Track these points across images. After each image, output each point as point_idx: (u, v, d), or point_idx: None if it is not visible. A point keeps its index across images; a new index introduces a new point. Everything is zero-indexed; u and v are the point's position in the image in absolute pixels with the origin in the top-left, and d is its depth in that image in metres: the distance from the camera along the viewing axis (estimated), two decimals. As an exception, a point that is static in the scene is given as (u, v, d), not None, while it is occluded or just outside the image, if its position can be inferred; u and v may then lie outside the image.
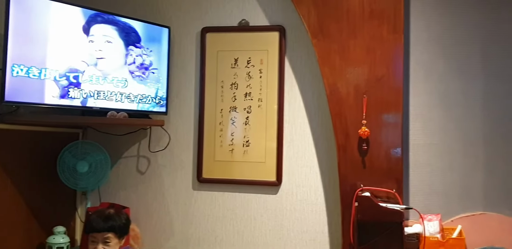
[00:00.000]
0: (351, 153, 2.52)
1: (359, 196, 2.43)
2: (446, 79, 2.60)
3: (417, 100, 2.62)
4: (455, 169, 2.56)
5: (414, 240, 2.48)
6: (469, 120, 2.56)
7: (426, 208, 2.55)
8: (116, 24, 2.58)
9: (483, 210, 2.51)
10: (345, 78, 2.54)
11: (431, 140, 2.60)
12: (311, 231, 2.73)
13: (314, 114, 2.76)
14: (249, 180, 2.80)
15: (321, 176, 2.74)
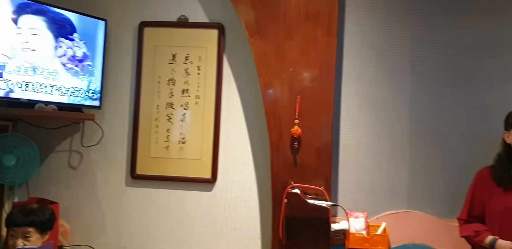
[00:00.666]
0: (284, 151, 2.58)
1: (289, 192, 2.48)
2: (376, 82, 2.70)
3: (348, 101, 2.70)
4: (382, 168, 2.67)
5: (340, 236, 2.56)
6: (397, 122, 2.67)
7: (353, 205, 2.64)
8: (47, 15, 2.50)
9: (407, 208, 2.62)
10: (280, 78, 2.59)
11: (360, 140, 2.69)
12: (243, 228, 2.77)
13: (251, 113, 2.80)
14: (184, 177, 2.80)
15: (255, 173, 2.78)
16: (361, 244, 2.53)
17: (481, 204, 2.23)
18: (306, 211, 2.45)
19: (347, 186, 2.68)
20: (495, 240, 2.11)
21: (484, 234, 2.15)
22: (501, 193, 2.16)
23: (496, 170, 2.20)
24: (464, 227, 2.26)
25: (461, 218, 2.30)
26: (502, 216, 2.14)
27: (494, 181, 2.19)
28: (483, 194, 2.22)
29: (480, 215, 2.23)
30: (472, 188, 2.28)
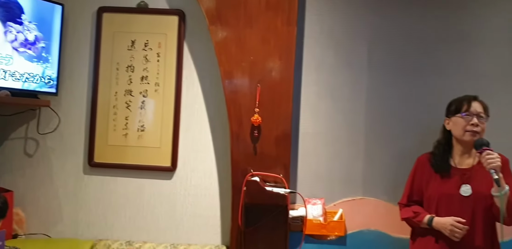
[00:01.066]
0: (244, 139, 2.59)
1: (248, 180, 2.50)
2: (335, 72, 2.73)
3: (308, 90, 2.73)
4: (339, 157, 2.72)
5: (298, 222, 2.60)
6: (354, 112, 2.72)
7: (311, 192, 2.69)
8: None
9: (363, 195, 2.69)
10: (241, 67, 2.59)
11: (319, 129, 2.73)
12: (203, 215, 2.78)
13: (211, 101, 2.79)
14: (143, 165, 2.78)
15: (215, 161, 2.79)
16: (318, 230, 2.58)
17: (419, 189, 2.30)
18: (265, 198, 2.48)
19: (305, 174, 2.72)
20: (432, 218, 2.18)
21: (423, 214, 2.22)
22: (439, 180, 2.23)
23: (435, 157, 2.27)
24: (404, 210, 2.33)
25: (401, 203, 2.37)
26: (438, 202, 2.21)
27: (432, 167, 2.26)
28: (422, 180, 2.28)
29: (419, 200, 2.30)
30: (412, 174, 2.35)
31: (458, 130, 2.21)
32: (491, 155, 2.01)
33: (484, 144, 2.07)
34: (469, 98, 2.23)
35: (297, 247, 2.58)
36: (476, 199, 2.14)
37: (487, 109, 2.22)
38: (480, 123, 2.17)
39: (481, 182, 2.14)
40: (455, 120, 2.22)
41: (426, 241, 2.23)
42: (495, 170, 1.98)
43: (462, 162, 2.24)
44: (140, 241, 2.73)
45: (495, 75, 2.66)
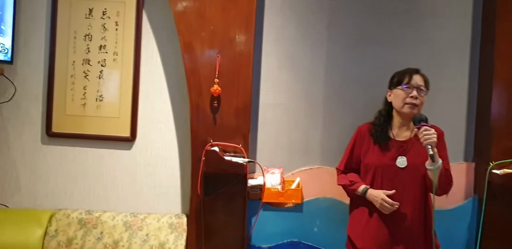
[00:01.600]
0: (203, 110, 2.60)
1: (207, 150, 2.53)
2: (295, 44, 2.75)
3: (268, 62, 2.75)
4: (298, 127, 2.76)
5: (257, 191, 2.66)
6: (313, 83, 2.75)
7: (270, 162, 2.74)
8: None
9: (320, 164, 2.75)
10: (200, 36, 2.58)
11: (279, 100, 2.76)
12: (163, 185, 2.81)
13: (171, 71, 2.78)
14: (102, 135, 2.77)
15: (175, 132, 2.80)
16: (276, 198, 2.65)
17: (358, 157, 2.37)
18: (224, 167, 2.52)
19: (264, 144, 2.76)
20: (367, 189, 2.27)
21: (358, 183, 2.31)
22: (377, 150, 2.30)
23: (375, 127, 2.33)
24: (341, 177, 2.42)
25: (339, 168, 2.46)
26: (374, 172, 2.29)
27: (372, 137, 2.32)
28: (361, 148, 2.35)
29: (357, 168, 2.39)
30: (352, 142, 2.41)
31: (398, 101, 2.26)
32: (428, 131, 2.07)
33: (423, 119, 2.13)
34: (411, 71, 2.27)
35: (255, 215, 2.64)
36: (411, 171, 2.22)
37: (427, 83, 2.28)
38: (420, 96, 2.22)
39: (416, 154, 2.22)
40: (396, 92, 2.27)
41: (362, 210, 2.33)
42: (431, 146, 2.05)
43: (400, 134, 2.31)
44: (100, 210, 2.74)
45: (447, 47, 2.73)
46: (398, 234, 2.24)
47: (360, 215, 2.34)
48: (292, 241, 2.68)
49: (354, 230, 2.36)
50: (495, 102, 2.59)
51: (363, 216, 2.32)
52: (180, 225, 2.68)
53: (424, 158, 2.13)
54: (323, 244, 2.68)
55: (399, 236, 2.24)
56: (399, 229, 2.24)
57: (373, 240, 2.27)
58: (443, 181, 2.15)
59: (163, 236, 2.65)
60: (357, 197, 2.35)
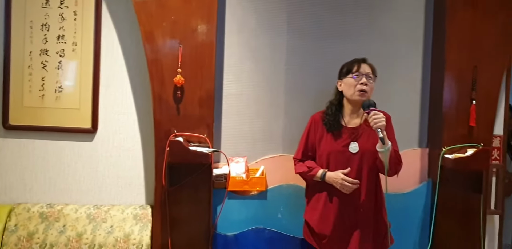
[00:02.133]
0: (166, 100, 2.60)
1: (171, 140, 2.53)
2: (256, 35, 2.79)
3: (230, 52, 2.78)
4: (261, 116, 2.82)
5: (222, 180, 2.69)
6: (274, 73, 2.81)
7: (234, 151, 2.78)
8: None
9: (283, 152, 2.82)
10: (162, 26, 2.57)
11: (242, 90, 2.80)
12: (127, 176, 2.79)
13: (132, 61, 2.76)
14: (62, 127, 2.72)
15: (138, 122, 2.79)
16: (241, 186, 2.70)
17: (313, 145, 2.48)
18: (189, 157, 2.52)
19: (229, 133, 2.80)
20: (325, 173, 2.38)
21: (316, 169, 2.41)
22: (330, 137, 2.41)
23: (327, 116, 2.44)
24: (298, 165, 2.52)
25: (296, 158, 2.55)
26: (329, 158, 2.40)
27: (325, 126, 2.43)
28: (315, 137, 2.46)
29: (313, 155, 2.49)
30: (306, 131, 2.52)
31: (349, 90, 2.37)
32: (377, 115, 2.20)
33: (371, 104, 2.26)
34: (358, 61, 2.41)
35: (221, 204, 2.68)
36: (363, 155, 2.35)
37: (375, 71, 2.41)
38: (369, 83, 2.35)
39: (367, 139, 2.34)
40: (346, 81, 2.39)
41: (318, 196, 2.44)
42: (381, 129, 2.18)
43: (351, 121, 2.43)
44: (62, 204, 2.70)
45: (402, 39, 2.86)
46: (354, 217, 2.36)
47: (316, 199, 2.45)
48: (257, 228, 2.74)
49: (312, 215, 2.45)
50: (446, 91, 2.73)
51: (319, 201, 2.43)
52: (145, 216, 2.68)
53: (374, 143, 2.25)
54: (287, 229, 2.76)
55: (354, 218, 2.36)
56: (354, 212, 2.36)
57: (330, 224, 2.37)
58: (393, 161, 2.29)
59: (128, 227, 2.64)
60: (314, 183, 2.44)
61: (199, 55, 2.60)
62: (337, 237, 2.37)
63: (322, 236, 2.40)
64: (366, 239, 2.35)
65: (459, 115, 2.74)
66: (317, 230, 2.40)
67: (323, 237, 2.39)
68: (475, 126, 2.72)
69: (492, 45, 2.72)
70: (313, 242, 2.45)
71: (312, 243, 2.45)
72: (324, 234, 2.39)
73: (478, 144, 2.71)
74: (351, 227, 2.36)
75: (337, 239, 2.37)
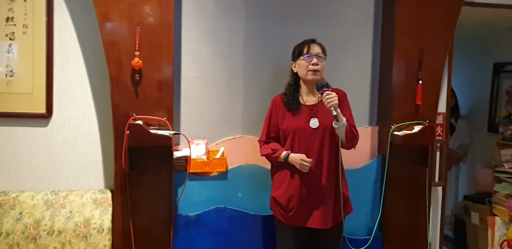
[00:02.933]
0: (124, 83, 2.58)
1: (131, 124, 2.53)
2: (214, 17, 2.81)
3: (188, 35, 2.78)
4: (220, 99, 2.86)
5: (182, 162, 2.72)
6: (232, 55, 2.85)
7: (195, 133, 2.81)
8: None
9: (242, 133, 2.89)
10: (118, 8, 2.54)
11: (200, 72, 2.82)
12: (84, 162, 2.76)
13: (87, 44, 2.70)
14: (15, 113, 2.63)
15: (95, 106, 2.75)
16: (202, 168, 2.74)
17: (276, 126, 2.59)
18: (149, 140, 2.53)
19: (188, 116, 2.82)
20: (288, 154, 2.51)
21: (280, 150, 2.54)
22: (291, 116, 2.54)
23: (286, 97, 2.57)
24: (263, 147, 2.62)
25: (260, 140, 2.66)
26: (292, 135, 2.53)
27: (285, 106, 2.56)
28: (277, 118, 2.58)
29: (277, 136, 2.61)
30: (268, 113, 2.63)
31: (302, 70, 2.51)
32: (330, 94, 2.35)
33: (324, 85, 2.42)
34: (308, 42, 2.54)
35: (182, 185, 2.72)
36: (323, 130, 2.49)
37: (324, 50, 2.55)
38: (320, 62, 2.49)
39: (326, 115, 2.48)
40: (299, 63, 2.52)
41: (283, 173, 2.56)
42: (334, 107, 2.34)
43: (309, 99, 2.57)
44: (17, 191, 2.63)
45: (353, 23, 2.98)
46: (317, 189, 2.50)
47: (282, 178, 2.56)
48: (218, 207, 2.80)
49: (278, 191, 2.56)
50: (395, 72, 2.90)
51: (285, 178, 2.55)
52: (105, 200, 2.68)
53: (333, 117, 2.39)
54: (247, 207, 2.84)
55: (318, 190, 2.50)
56: (317, 185, 2.50)
57: (296, 198, 2.50)
58: (350, 136, 2.46)
59: (87, 212, 2.63)
60: (278, 163, 2.55)
61: (157, 37, 2.59)
62: (302, 210, 2.50)
63: (289, 209, 2.52)
64: (328, 210, 2.50)
65: (406, 95, 2.92)
66: (284, 204, 2.51)
67: (289, 210, 2.51)
68: (421, 104, 2.91)
69: (437, 28, 2.91)
70: (279, 217, 2.56)
71: (279, 217, 2.56)
72: (290, 208, 2.51)
73: (424, 121, 2.91)
74: (315, 199, 2.50)
75: (302, 211, 2.50)
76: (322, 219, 2.49)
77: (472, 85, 4.51)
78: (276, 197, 2.56)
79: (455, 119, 4.22)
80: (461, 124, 4.23)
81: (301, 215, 2.51)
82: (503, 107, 4.13)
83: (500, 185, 3.61)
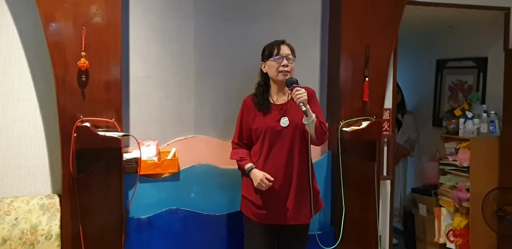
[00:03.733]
0: (71, 84, 2.52)
1: (78, 126, 2.47)
2: (162, 16, 2.78)
3: (136, 34, 2.74)
4: (170, 99, 2.83)
5: (132, 164, 2.68)
6: (183, 55, 2.83)
7: (145, 134, 2.77)
8: None
9: (194, 133, 2.87)
10: (63, 8, 2.47)
11: (149, 72, 2.78)
12: (30, 166, 2.67)
13: (30, 45, 2.62)
14: (-47, 117, 2.51)
15: (40, 109, 2.67)
16: (153, 169, 2.71)
17: (247, 127, 2.62)
18: (97, 143, 2.48)
19: (138, 117, 2.77)
20: (252, 169, 2.54)
21: (246, 161, 2.57)
22: (262, 116, 2.58)
23: (256, 97, 2.60)
24: (233, 152, 2.66)
25: (233, 141, 2.68)
26: (264, 133, 2.55)
27: (256, 106, 2.59)
28: (249, 118, 2.61)
29: (249, 136, 2.64)
30: (240, 114, 2.66)
31: (272, 71, 2.54)
32: (299, 91, 2.40)
33: (294, 82, 2.46)
34: (278, 43, 2.57)
35: (133, 188, 2.68)
36: (294, 128, 2.53)
37: (293, 51, 2.59)
38: (289, 64, 2.53)
39: (296, 113, 2.52)
40: (269, 63, 2.55)
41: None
42: (303, 103, 2.38)
43: (279, 99, 2.61)
44: (-42, 199, 2.52)
45: (302, 22, 3.03)
46: (289, 186, 2.54)
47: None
48: (170, 209, 2.78)
49: (248, 190, 2.59)
50: (342, 69, 2.97)
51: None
52: (53, 205, 2.61)
53: (302, 116, 2.43)
54: (200, 208, 2.83)
55: (289, 188, 2.53)
56: (289, 181, 2.54)
57: (268, 194, 2.53)
58: (319, 132, 2.50)
59: (34, 218, 2.56)
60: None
61: (104, 37, 2.55)
62: (274, 207, 2.53)
63: (260, 207, 2.55)
64: (300, 206, 2.55)
65: (354, 92, 3.00)
66: (256, 202, 2.54)
67: (259, 207, 2.54)
68: (368, 100, 2.99)
69: (382, 26, 3.00)
70: (250, 215, 2.58)
71: (249, 216, 2.59)
72: (261, 205, 2.54)
73: (371, 117, 3.00)
74: (287, 195, 2.53)
75: (275, 208, 2.53)
76: (294, 215, 2.53)
77: (417, 81, 4.68)
78: (247, 195, 2.59)
79: (402, 114, 4.37)
80: (407, 119, 4.38)
81: (273, 212, 2.53)
82: (446, 102, 4.30)
83: (445, 177, 3.77)
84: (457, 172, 3.66)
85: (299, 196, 2.54)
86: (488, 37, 3.82)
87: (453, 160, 3.67)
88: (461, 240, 3.59)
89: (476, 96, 3.83)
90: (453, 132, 3.69)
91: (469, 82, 4.07)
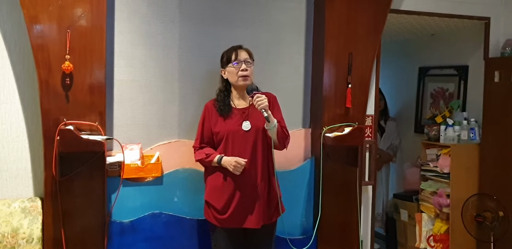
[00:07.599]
0: (54, 87, 2.52)
1: (61, 129, 2.46)
2: (148, 21, 2.79)
3: (121, 38, 2.75)
4: (154, 103, 2.84)
5: (116, 168, 2.68)
6: (167, 59, 2.84)
7: (128, 138, 2.77)
8: None
9: (178, 137, 2.88)
10: (48, 11, 2.47)
11: (134, 76, 2.79)
12: (12, 169, 2.65)
13: (14, 47, 2.61)
14: None
15: (23, 112, 2.65)
16: (136, 173, 2.71)
17: (209, 131, 2.64)
18: (81, 146, 2.47)
19: (122, 120, 2.77)
20: (221, 157, 2.55)
21: (213, 155, 2.58)
22: (223, 120, 2.60)
23: (218, 102, 2.63)
24: (197, 153, 2.65)
25: (195, 146, 2.68)
26: (226, 137, 2.57)
27: (217, 111, 2.62)
28: (210, 123, 2.63)
29: (210, 141, 2.65)
30: (201, 119, 2.67)
31: (232, 77, 2.58)
32: (260, 97, 2.44)
33: (254, 89, 2.52)
34: (235, 48, 2.61)
35: (116, 191, 2.67)
36: (255, 132, 2.56)
37: (251, 55, 2.62)
38: (248, 68, 2.57)
39: (257, 118, 2.55)
40: (229, 70, 2.58)
41: (217, 176, 2.60)
42: (265, 109, 2.43)
43: (240, 103, 2.64)
44: None
45: (286, 28, 3.07)
46: (251, 190, 2.55)
47: (215, 181, 2.60)
48: (153, 213, 2.77)
49: (211, 195, 2.60)
50: (326, 76, 3.01)
51: (218, 181, 2.58)
52: (35, 208, 2.59)
53: (264, 120, 2.47)
54: (183, 212, 2.83)
55: (251, 191, 2.55)
56: (252, 185, 2.55)
57: (230, 200, 2.54)
58: (281, 136, 2.54)
59: (15, 222, 2.54)
60: (213, 167, 2.59)
61: (88, 41, 2.55)
62: (237, 211, 2.54)
63: (223, 212, 2.55)
64: (262, 210, 2.56)
65: (337, 98, 3.04)
66: (219, 207, 2.55)
67: (224, 212, 2.55)
68: (351, 107, 3.03)
69: (365, 33, 3.05)
70: (213, 221, 2.58)
71: (213, 221, 2.59)
72: (225, 210, 2.54)
73: (353, 123, 3.04)
74: (249, 200, 2.55)
75: (238, 212, 2.54)
76: (257, 219, 2.54)
77: (400, 88, 4.75)
78: (210, 200, 2.59)
79: (385, 121, 4.42)
80: (390, 126, 4.44)
81: (236, 217, 2.54)
82: (428, 109, 4.37)
83: (426, 183, 3.82)
84: (438, 178, 3.72)
85: (262, 199, 2.56)
86: (469, 46, 3.90)
87: (434, 166, 3.73)
88: (441, 245, 3.64)
89: (457, 104, 3.90)
90: (434, 139, 3.75)
91: (450, 90, 4.15)
